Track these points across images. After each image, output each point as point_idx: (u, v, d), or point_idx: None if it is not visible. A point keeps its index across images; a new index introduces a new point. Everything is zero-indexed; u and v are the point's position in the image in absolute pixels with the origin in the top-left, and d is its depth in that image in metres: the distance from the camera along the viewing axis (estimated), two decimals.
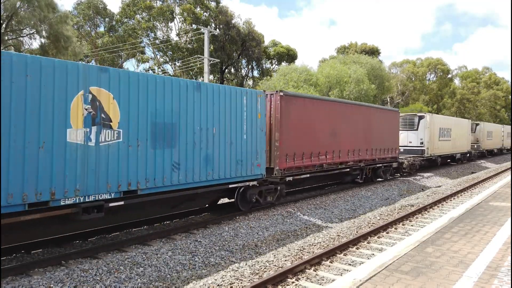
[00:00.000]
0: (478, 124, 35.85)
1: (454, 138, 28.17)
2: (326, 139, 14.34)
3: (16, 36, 19.20)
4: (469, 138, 32.20)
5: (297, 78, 30.71)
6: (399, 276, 5.14)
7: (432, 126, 24.28)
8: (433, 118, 24.67)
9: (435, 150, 24.88)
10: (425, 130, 23.58)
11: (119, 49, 32.45)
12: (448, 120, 28.28)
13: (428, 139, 23.71)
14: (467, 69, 69.99)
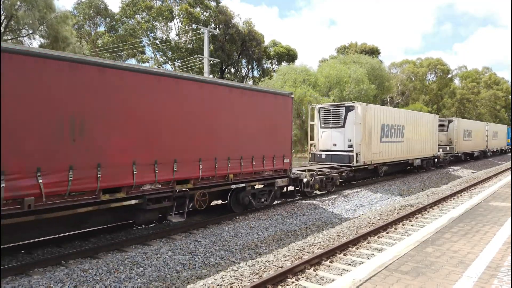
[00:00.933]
0: (452, 121, 28.80)
1: (410, 139, 21.40)
2: None
3: (16, 36, 19.20)
4: (435, 138, 25.26)
5: (295, 78, 30.72)
6: (399, 276, 5.14)
7: (367, 121, 17.08)
8: (369, 109, 17.34)
9: (373, 156, 17.74)
10: (354, 127, 16.55)
11: (119, 49, 32.45)
12: (397, 113, 20.51)
13: (360, 140, 16.62)
14: (467, 69, 70.03)
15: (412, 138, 21.55)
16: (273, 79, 33.68)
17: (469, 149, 31.24)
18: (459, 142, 28.69)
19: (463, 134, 26.41)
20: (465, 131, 29.85)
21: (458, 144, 28.60)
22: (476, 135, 32.60)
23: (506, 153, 45.87)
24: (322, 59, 50.46)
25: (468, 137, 30.31)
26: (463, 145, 29.40)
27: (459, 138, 28.54)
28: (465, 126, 30.27)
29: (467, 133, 30.24)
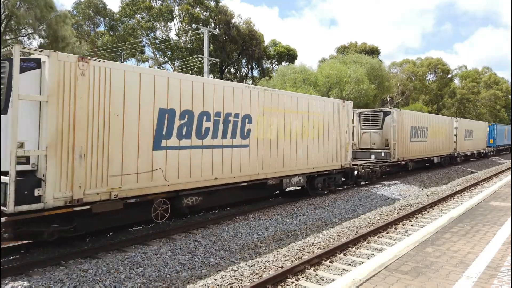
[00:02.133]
0: (388, 114, 19.72)
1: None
2: None
3: (15, 36, 19.19)
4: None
5: (295, 78, 30.72)
6: (399, 276, 5.14)
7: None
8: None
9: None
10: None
11: (118, 48, 32.44)
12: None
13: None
14: (467, 69, 70.02)
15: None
16: (272, 79, 33.68)
17: (423, 153, 22.88)
18: (402, 145, 20.06)
19: (410, 133, 20.73)
20: (414, 129, 21.55)
21: (400, 147, 19.78)
22: (436, 135, 24.46)
23: (487, 157, 38.76)
24: (322, 59, 50.44)
25: (420, 137, 22.31)
26: (409, 149, 20.98)
27: (402, 139, 20.10)
28: (414, 122, 21.51)
29: (418, 132, 21.99)
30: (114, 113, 7.82)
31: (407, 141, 20.46)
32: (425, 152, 22.98)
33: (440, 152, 25.44)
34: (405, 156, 20.33)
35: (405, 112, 20.30)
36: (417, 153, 21.87)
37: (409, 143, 20.71)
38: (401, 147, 19.74)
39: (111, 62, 7.98)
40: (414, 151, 21.44)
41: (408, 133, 20.57)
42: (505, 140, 46.50)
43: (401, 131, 19.78)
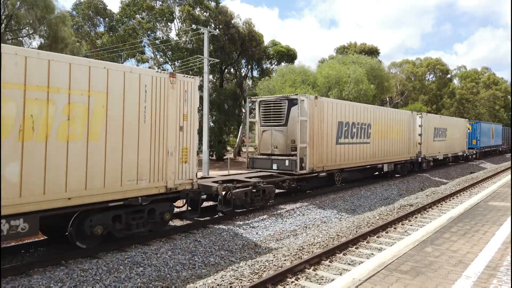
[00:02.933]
0: (295, 103, 13.67)
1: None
2: None
3: (15, 36, 19.19)
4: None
5: (295, 78, 30.72)
6: (399, 275, 5.15)
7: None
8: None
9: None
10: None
11: (118, 49, 32.44)
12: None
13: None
14: (466, 69, 70.05)
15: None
16: (272, 79, 33.68)
17: (362, 160, 17.04)
18: (320, 148, 14.23)
19: (338, 131, 15.11)
20: (345, 126, 15.68)
21: (317, 152, 14.04)
22: (385, 134, 18.79)
23: (467, 160, 33.63)
24: (322, 60, 50.45)
25: (356, 138, 16.45)
26: (334, 155, 15.12)
27: (320, 140, 14.26)
28: (342, 115, 15.55)
29: (352, 130, 16.13)
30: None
31: (331, 143, 14.82)
32: (365, 158, 17.10)
33: (394, 157, 19.77)
34: (327, 164, 14.61)
35: (324, 101, 14.42)
36: (351, 160, 16.10)
37: (335, 146, 15.04)
38: (318, 152, 14.03)
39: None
40: (345, 157, 15.66)
41: (333, 132, 14.84)
42: (492, 141, 40.49)
43: (317, 129, 14.02)
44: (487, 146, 38.89)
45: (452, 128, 28.19)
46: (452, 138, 28.20)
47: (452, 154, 28.80)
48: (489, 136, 39.27)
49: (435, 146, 25.22)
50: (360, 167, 17.16)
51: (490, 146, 40.16)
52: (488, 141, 39.05)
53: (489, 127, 39.81)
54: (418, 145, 22.79)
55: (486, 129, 38.50)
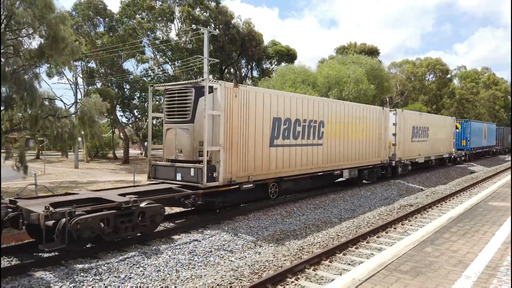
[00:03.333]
0: (202, 92, 10.32)
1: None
2: None
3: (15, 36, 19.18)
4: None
5: (295, 78, 30.73)
6: (398, 275, 5.15)
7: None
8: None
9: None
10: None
11: (118, 49, 32.44)
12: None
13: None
14: (466, 69, 70.06)
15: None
16: (272, 79, 33.69)
17: (312, 166, 14.07)
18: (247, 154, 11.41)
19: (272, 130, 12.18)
20: (285, 123, 12.76)
21: (235, 157, 11.05)
22: (346, 134, 16.05)
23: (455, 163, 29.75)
24: (322, 59, 50.45)
25: (301, 138, 13.53)
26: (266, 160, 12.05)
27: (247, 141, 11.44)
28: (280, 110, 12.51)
29: (294, 128, 13.16)
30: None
31: (262, 145, 11.73)
32: (316, 163, 14.05)
33: (358, 162, 16.72)
34: (255, 173, 11.48)
35: (250, 91, 11.38)
36: (294, 167, 13.02)
37: (269, 149, 11.95)
38: (240, 157, 10.99)
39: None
40: (284, 163, 12.58)
41: (265, 131, 11.77)
42: (484, 141, 37.16)
43: (239, 127, 10.93)
44: (479, 147, 35.82)
45: (436, 127, 24.81)
46: (436, 139, 24.71)
47: (436, 157, 25.21)
48: (480, 136, 36.10)
49: (414, 148, 21.74)
50: (309, 174, 13.86)
51: (482, 147, 36.91)
52: (480, 141, 35.85)
53: (480, 127, 36.54)
54: (392, 146, 19.55)
55: (477, 129, 35.25)
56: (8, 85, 13.10)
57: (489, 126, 39.35)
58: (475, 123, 35.05)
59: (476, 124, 35.43)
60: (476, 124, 35.10)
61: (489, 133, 38.52)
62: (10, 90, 13.46)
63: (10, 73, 13.44)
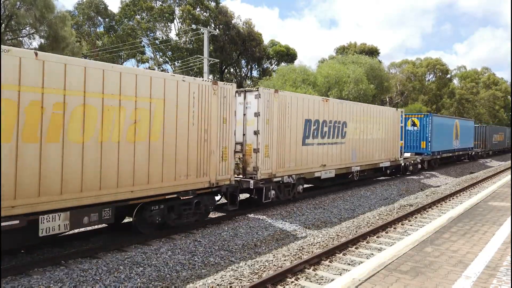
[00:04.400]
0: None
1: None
2: None
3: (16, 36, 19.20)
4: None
5: (295, 78, 30.75)
6: (398, 275, 5.16)
7: None
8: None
9: None
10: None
11: (118, 49, 32.44)
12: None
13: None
14: (466, 69, 70.09)
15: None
16: (272, 79, 33.70)
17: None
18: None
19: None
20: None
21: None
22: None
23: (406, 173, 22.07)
24: (322, 59, 50.47)
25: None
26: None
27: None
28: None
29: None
30: None
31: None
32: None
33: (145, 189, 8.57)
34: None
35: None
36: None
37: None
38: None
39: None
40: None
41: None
42: (455, 143, 28.41)
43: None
44: (447, 151, 27.01)
45: (364, 122, 16.90)
46: (363, 140, 16.84)
47: (367, 166, 17.14)
48: (449, 136, 27.40)
49: (311, 155, 13.63)
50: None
51: (451, 151, 27.94)
52: (449, 143, 27.38)
53: (449, 124, 27.68)
54: (253, 154, 11.62)
55: (444, 126, 26.42)
56: None
57: (463, 123, 30.50)
58: (440, 119, 26.64)
59: (442, 120, 26.78)
60: (441, 120, 26.49)
61: (463, 132, 30.09)
62: None
63: None
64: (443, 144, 26.23)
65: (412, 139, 24.57)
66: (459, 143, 29.35)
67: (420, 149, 24.34)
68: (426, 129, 24.35)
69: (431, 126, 24.38)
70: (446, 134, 26.79)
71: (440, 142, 25.66)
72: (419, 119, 24.63)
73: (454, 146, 28.59)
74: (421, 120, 24.57)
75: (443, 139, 26.31)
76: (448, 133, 27.35)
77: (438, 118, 26.11)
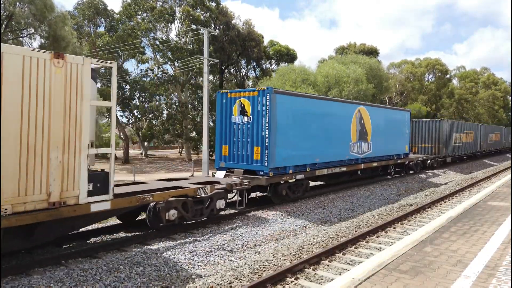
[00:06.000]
0: None
1: None
2: None
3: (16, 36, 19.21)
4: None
5: (295, 78, 30.74)
6: (398, 275, 5.17)
7: None
8: None
9: None
10: None
11: (118, 49, 32.43)
12: None
13: None
14: (466, 70, 70.11)
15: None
16: (272, 79, 33.70)
17: None
18: None
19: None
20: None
21: None
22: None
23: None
24: (321, 60, 50.47)
25: None
26: None
27: None
28: None
29: None
30: None
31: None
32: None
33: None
34: None
35: None
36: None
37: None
38: None
39: None
40: None
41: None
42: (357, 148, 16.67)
43: None
44: (327, 164, 14.89)
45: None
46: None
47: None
48: (338, 134, 15.57)
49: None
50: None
51: (341, 163, 15.74)
52: (336, 148, 15.43)
53: (337, 112, 15.52)
54: None
55: (319, 116, 14.32)
56: None
57: (381, 113, 18.81)
58: (302, 100, 13.76)
59: (307, 103, 13.93)
60: (304, 102, 13.79)
61: (384, 129, 18.84)
62: None
63: None
64: (314, 150, 13.98)
65: (239, 141, 12.73)
66: (368, 148, 17.56)
67: (252, 163, 12.42)
68: (262, 120, 12.21)
69: (272, 114, 12.03)
70: (323, 131, 14.41)
71: (302, 146, 13.39)
72: (251, 100, 12.50)
73: (354, 153, 16.49)
74: (253, 103, 12.41)
75: (314, 140, 14.00)
76: (333, 130, 15.04)
77: (294, 99, 13.19)
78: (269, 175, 12.03)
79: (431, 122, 27.12)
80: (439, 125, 26.60)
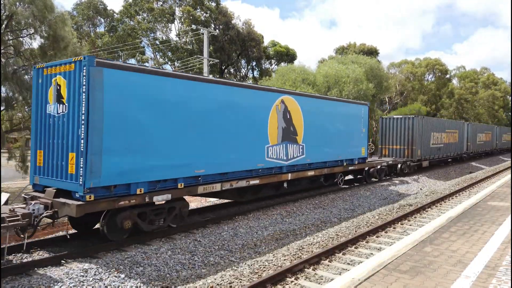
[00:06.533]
0: None
1: None
2: None
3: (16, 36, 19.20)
4: None
5: (295, 78, 30.74)
6: (398, 275, 5.17)
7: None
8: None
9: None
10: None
11: (118, 49, 32.45)
12: None
13: None
14: (465, 70, 70.11)
15: None
16: (272, 79, 33.70)
17: None
18: None
19: None
20: None
21: None
22: None
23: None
24: (321, 60, 50.47)
25: None
26: None
27: None
28: None
29: None
30: None
31: None
32: None
33: None
34: None
35: None
36: None
37: None
38: None
39: None
40: None
41: None
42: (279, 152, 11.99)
43: None
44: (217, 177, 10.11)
45: None
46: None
47: None
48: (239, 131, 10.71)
49: None
50: None
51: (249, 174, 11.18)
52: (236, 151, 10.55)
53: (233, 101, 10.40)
54: None
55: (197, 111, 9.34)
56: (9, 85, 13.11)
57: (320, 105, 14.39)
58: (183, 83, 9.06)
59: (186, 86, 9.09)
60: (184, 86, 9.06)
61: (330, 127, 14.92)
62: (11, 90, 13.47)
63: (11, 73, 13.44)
64: (194, 156, 9.47)
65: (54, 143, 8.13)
66: (300, 152, 13.20)
67: (67, 179, 7.78)
68: (78, 110, 7.58)
69: (94, 100, 7.44)
70: (214, 128, 10.00)
71: (167, 152, 8.84)
72: (67, 78, 7.87)
73: (274, 159, 12.09)
74: (70, 82, 7.81)
75: (195, 142, 9.49)
76: (233, 128, 10.59)
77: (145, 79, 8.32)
78: (85, 199, 7.34)
79: (403, 119, 23.06)
80: (413, 122, 22.67)
